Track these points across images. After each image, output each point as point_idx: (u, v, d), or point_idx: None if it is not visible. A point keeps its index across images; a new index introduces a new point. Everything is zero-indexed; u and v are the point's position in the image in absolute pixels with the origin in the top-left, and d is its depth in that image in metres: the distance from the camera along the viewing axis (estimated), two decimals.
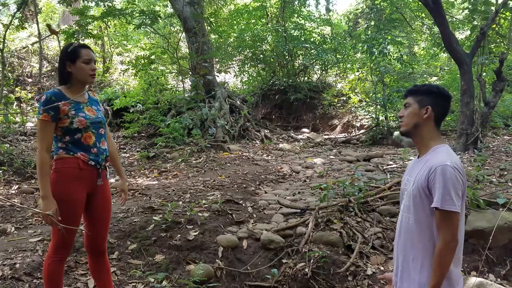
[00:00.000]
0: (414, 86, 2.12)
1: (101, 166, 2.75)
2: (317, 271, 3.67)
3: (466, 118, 8.73)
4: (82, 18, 9.69)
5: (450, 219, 1.86)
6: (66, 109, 2.59)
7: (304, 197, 5.81)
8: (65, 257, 2.74)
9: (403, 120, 2.08)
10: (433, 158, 1.96)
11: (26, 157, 7.35)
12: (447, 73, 14.84)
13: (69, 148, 2.63)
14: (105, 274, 2.91)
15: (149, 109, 11.01)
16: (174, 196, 5.56)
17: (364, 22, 14.34)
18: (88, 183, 2.70)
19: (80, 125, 2.63)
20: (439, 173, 1.87)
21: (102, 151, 2.75)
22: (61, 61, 2.70)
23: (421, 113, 2.02)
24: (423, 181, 1.93)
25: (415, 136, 2.07)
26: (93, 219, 2.79)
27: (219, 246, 4.08)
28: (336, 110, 14.24)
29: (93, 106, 2.79)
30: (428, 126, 2.03)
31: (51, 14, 18.08)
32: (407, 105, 2.08)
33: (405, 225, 2.06)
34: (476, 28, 9.35)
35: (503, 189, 5.37)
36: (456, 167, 1.88)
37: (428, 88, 2.06)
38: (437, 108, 2.03)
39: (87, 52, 2.69)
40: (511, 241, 4.07)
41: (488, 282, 3.49)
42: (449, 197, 1.84)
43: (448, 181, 1.85)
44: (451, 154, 1.96)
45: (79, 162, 2.63)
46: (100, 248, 2.85)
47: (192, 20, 11.17)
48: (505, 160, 7.44)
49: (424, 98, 2.04)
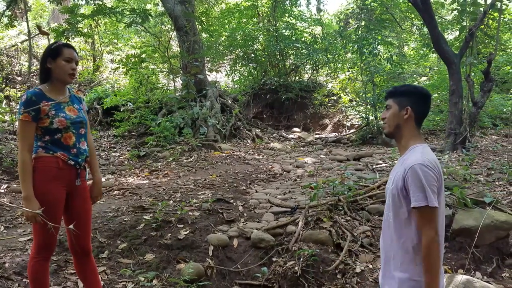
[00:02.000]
0: (393, 88, 2.15)
1: (81, 166, 2.73)
2: (306, 269, 3.70)
3: (455, 118, 8.84)
4: (72, 16, 9.64)
5: (429, 215, 1.91)
6: (46, 109, 2.57)
7: (295, 196, 5.84)
8: (48, 257, 2.71)
9: (386, 122, 2.13)
10: (409, 158, 2.00)
11: (15, 156, 7.29)
12: (436, 73, 14.99)
13: (49, 147, 2.61)
14: (91, 275, 2.88)
15: (139, 108, 10.99)
16: (164, 195, 5.56)
17: (355, 22, 14.43)
18: (67, 182, 2.67)
19: (60, 125, 2.61)
20: (413, 173, 1.92)
21: (82, 151, 2.73)
22: (43, 57, 2.69)
23: (401, 114, 2.06)
24: (400, 180, 1.98)
25: (397, 137, 2.12)
26: (73, 220, 2.72)
27: (210, 245, 4.10)
28: (326, 110, 14.31)
29: (75, 105, 2.76)
30: (409, 126, 2.07)
31: (40, 12, 17.93)
32: (388, 107, 2.12)
33: (387, 223, 2.11)
34: (465, 29, 9.46)
35: (490, 188, 5.45)
36: (429, 164, 1.93)
37: (407, 89, 2.09)
38: (416, 108, 2.06)
39: (70, 52, 2.67)
40: (498, 240, 4.14)
41: (474, 280, 3.55)
42: (425, 194, 1.89)
43: (422, 179, 1.90)
44: (426, 152, 2.00)
45: (59, 161, 2.62)
46: (85, 249, 2.82)
47: (183, 19, 11.16)
48: (493, 160, 7.54)
49: (403, 99, 2.07)
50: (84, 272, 2.87)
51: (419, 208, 1.90)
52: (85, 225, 2.81)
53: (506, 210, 4.66)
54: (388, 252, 2.08)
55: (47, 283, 2.73)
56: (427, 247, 1.91)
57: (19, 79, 14.26)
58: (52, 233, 2.60)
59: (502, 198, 5.13)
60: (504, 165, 6.80)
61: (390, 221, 2.07)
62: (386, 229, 2.12)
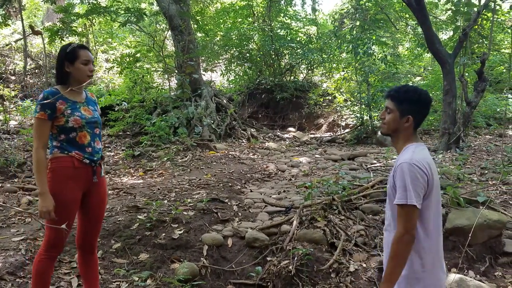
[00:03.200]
0: (396, 93, 2.10)
1: (96, 164, 2.77)
2: (300, 268, 3.71)
3: (449, 117, 8.89)
4: (66, 15, 9.60)
5: (405, 213, 1.94)
6: (62, 108, 2.63)
7: (289, 196, 5.85)
8: (55, 256, 2.75)
9: (385, 123, 2.14)
10: (400, 157, 2.04)
11: (9, 156, 7.26)
12: (431, 73, 15.07)
13: (64, 147, 2.66)
14: (93, 272, 2.95)
15: (134, 107, 10.95)
16: (159, 195, 5.55)
17: (349, 22, 14.46)
18: (84, 181, 2.72)
19: (75, 124, 2.66)
20: (399, 171, 1.96)
21: (97, 150, 2.79)
22: (59, 61, 2.72)
23: (402, 121, 2.08)
24: (391, 179, 2.04)
25: (394, 138, 2.15)
26: (87, 216, 2.82)
27: (204, 245, 4.10)
28: (321, 110, 14.34)
29: (90, 106, 2.82)
30: (407, 131, 2.10)
31: (35, 11, 17.84)
32: (389, 110, 2.11)
33: (388, 221, 2.16)
34: (459, 29, 9.51)
35: (484, 188, 5.48)
36: (416, 164, 1.95)
37: (411, 97, 2.07)
38: (418, 116, 2.09)
39: (86, 53, 2.73)
40: (490, 239, 4.16)
41: (468, 279, 3.57)
42: (406, 193, 1.92)
43: (406, 177, 1.93)
44: (417, 152, 2.02)
45: (74, 160, 2.66)
46: (92, 244, 2.90)
47: (178, 18, 11.14)
48: (486, 159, 7.59)
49: (405, 107, 2.07)
50: (86, 268, 2.93)
51: (400, 205, 1.95)
52: (97, 222, 2.89)
53: (499, 209, 4.69)
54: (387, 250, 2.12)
55: (49, 281, 2.77)
56: (394, 242, 1.97)
57: (13, 79, 14.17)
58: (62, 233, 2.64)
59: (495, 198, 5.17)
60: (497, 164, 6.85)
61: (389, 218, 2.12)
62: (386, 228, 2.17)
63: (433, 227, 2.03)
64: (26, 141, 8.54)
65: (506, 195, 5.40)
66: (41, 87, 13.79)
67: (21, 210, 4.82)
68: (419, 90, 2.08)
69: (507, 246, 4.17)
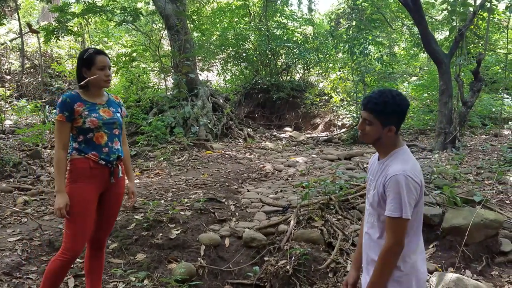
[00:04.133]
0: (375, 105, 2.00)
1: (113, 165, 2.83)
2: (298, 268, 3.70)
3: (445, 117, 8.91)
4: (62, 15, 9.56)
5: (397, 225, 1.93)
6: (80, 110, 2.73)
7: (286, 195, 5.85)
8: (69, 259, 2.70)
9: (365, 134, 2.08)
10: (391, 164, 2.00)
11: (4, 156, 7.21)
12: (427, 73, 15.10)
13: (81, 148, 2.75)
14: (98, 268, 3.01)
15: (130, 107, 10.92)
16: (156, 194, 5.53)
17: (346, 22, 14.47)
18: (100, 182, 2.79)
19: (92, 125, 2.74)
20: (393, 183, 1.93)
21: (114, 150, 2.84)
22: (78, 67, 2.84)
23: (384, 131, 2.03)
24: (381, 187, 2.00)
25: (377, 145, 2.11)
26: (100, 213, 2.88)
27: (201, 245, 4.09)
28: (318, 109, 14.35)
29: (111, 108, 2.91)
30: (390, 137, 2.05)
31: (30, 11, 17.76)
32: (368, 122, 2.03)
33: (370, 225, 2.13)
34: (455, 29, 9.54)
35: (480, 187, 5.50)
36: (410, 175, 1.92)
37: (391, 109, 1.99)
38: (399, 123, 2.05)
39: (102, 59, 2.80)
40: (487, 238, 4.17)
41: (465, 278, 3.58)
42: (399, 205, 1.90)
43: (403, 190, 1.91)
44: (408, 159, 2.01)
45: (90, 162, 2.74)
46: (102, 241, 2.98)
47: (174, 18, 11.11)
48: (482, 159, 7.62)
49: (386, 119, 2.01)
50: (92, 264, 2.98)
51: (390, 216, 1.93)
52: (111, 219, 2.98)
53: (495, 208, 4.71)
54: (370, 255, 2.10)
55: (58, 284, 2.79)
56: (383, 252, 1.96)
57: (8, 78, 14.11)
58: (78, 236, 2.70)
59: (492, 197, 5.19)
60: (493, 164, 6.88)
61: (374, 223, 2.09)
62: (368, 231, 2.14)
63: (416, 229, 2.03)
64: (22, 141, 8.50)
65: (502, 194, 5.42)
66: (37, 87, 13.74)
67: (17, 210, 4.79)
68: (397, 99, 1.99)
69: (503, 246, 4.18)
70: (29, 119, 11.64)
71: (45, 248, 3.86)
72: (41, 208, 5.05)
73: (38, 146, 8.39)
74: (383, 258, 1.96)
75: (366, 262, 2.16)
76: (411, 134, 11.99)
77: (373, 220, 2.11)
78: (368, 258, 2.14)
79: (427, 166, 6.67)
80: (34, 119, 11.48)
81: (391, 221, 1.94)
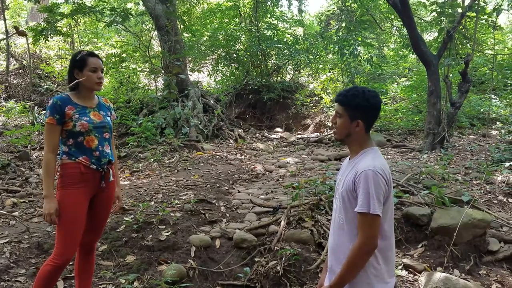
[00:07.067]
0: (344, 97, 2.07)
1: (104, 169, 2.81)
2: (288, 268, 3.72)
3: (433, 118, 9.00)
4: (51, 15, 9.48)
5: (368, 222, 1.93)
6: (70, 113, 2.71)
7: (277, 196, 5.86)
8: (59, 265, 2.67)
9: (336, 129, 2.12)
10: (361, 162, 2.02)
11: None
12: (415, 74, 15.22)
13: (71, 152, 2.72)
14: (88, 272, 3.00)
15: (120, 108, 10.86)
16: (146, 196, 5.51)
17: (336, 24, 14.55)
18: (92, 186, 2.78)
19: (82, 128, 2.72)
20: (363, 178, 1.94)
21: (105, 154, 2.83)
22: (70, 69, 2.82)
23: (352, 125, 2.06)
24: (351, 184, 2.00)
25: (348, 143, 2.14)
26: (92, 217, 2.87)
27: (192, 246, 4.08)
28: (308, 110, 14.38)
29: (101, 112, 2.88)
30: (359, 134, 2.08)
31: (18, 11, 17.59)
32: (339, 115, 2.09)
33: (337, 225, 2.11)
34: (443, 31, 9.64)
35: (468, 187, 5.57)
36: (379, 171, 1.94)
37: (359, 103, 2.03)
38: (367, 119, 2.07)
39: (95, 61, 2.79)
40: (475, 237, 4.22)
41: (453, 277, 3.62)
42: (369, 201, 1.91)
43: (370, 186, 1.92)
44: (377, 157, 2.03)
45: (81, 166, 2.71)
46: (92, 244, 2.98)
47: (164, 18, 11.08)
48: (470, 159, 7.70)
49: (354, 112, 2.04)
50: (82, 267, 2.97)
51: (361, 213, 1.93)
52: (100, 223, 2.97)
53: (483, 208, 4.77)
54: (339, 256, 2.08)
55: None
56: (355, 249, 1.95)
57: None
58: (68, 241, 2.67)
59: (479, 197, 5.25)
60: (481, 164, 6.95)
61: (341, 223, 2.08)
62: (336, 232, 2.12)
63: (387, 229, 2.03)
64: (10, 143, 8.42)
65: (490, 194, 5.49)
66: (25, 88, 13.60)
67: (4, 213, 4.74)
68: (367, 94, 2.04)
69: (491, 245, 4.23)
70: (17, 120, 11.52)
71: (34, 251, 3.83)
72: (29, 210, 5.01)
73: (27, 148, 8.32)
74: (351, 256, 1.95)
75: (330, 263, 2.15)
76: (400, 134, 12.07)
77: (339, 219, 2.09)
78: (332, 259, 2.13)
79: (416, 167, 6.73)
80: (23, 120, 11.36)
81: (361, 218, 1.94)
